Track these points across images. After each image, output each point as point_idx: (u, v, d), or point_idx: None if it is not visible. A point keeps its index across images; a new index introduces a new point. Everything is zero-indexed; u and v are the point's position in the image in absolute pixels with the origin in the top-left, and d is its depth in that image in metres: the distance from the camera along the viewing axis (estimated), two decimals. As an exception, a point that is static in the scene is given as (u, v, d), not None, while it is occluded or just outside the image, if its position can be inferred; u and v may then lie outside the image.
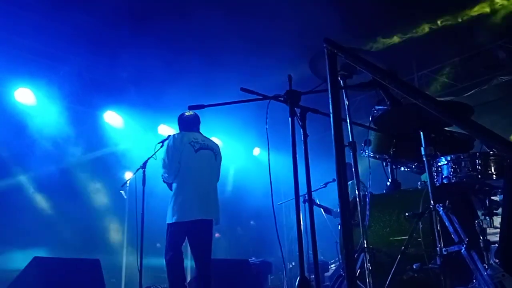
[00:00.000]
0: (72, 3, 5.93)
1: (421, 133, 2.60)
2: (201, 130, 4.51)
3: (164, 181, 4.32)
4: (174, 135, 4.29)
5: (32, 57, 6.88)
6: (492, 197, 2.90)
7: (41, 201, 7.36)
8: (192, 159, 4.14)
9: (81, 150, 7.89)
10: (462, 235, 2.36)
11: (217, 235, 9.82)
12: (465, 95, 7.55)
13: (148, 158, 4.75)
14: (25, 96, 7.13)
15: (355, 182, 2.62)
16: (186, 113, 4.48)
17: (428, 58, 7.25)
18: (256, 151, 10.18)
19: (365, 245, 2.46)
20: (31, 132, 7.16)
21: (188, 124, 4.44)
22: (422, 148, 2.60)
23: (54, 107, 7.43)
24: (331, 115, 1.87)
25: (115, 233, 8.17)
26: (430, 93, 7.85)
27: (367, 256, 2.41)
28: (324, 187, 5.87)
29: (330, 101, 1.87)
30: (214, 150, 4.37)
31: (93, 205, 8.00)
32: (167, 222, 4.09)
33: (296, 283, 2.33)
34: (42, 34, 6.47)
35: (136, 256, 4.48)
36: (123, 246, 8.20)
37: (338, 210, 5.37)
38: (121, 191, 7.87)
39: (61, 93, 7.38)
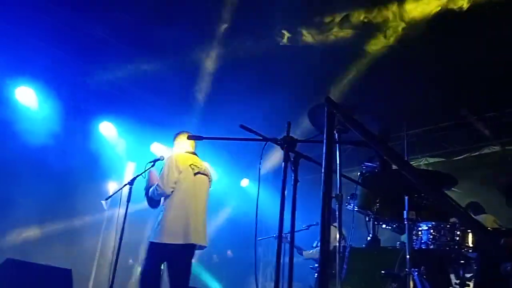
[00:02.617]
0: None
1: (405, 197, 2.70)
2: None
3: (149, 195, 4.33)
4: (178, 154, 4.34)
5: (35, 58, 6.92)
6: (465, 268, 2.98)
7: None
8: (189, 182, 4.17)
9: (70, 156, 7.88)
10: (432, 302, 2.42)
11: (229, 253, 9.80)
12: (456, 158, 7.71)
13: (137, 176, 4.76)
14: (25, 95, 7.18)
15: (336, 225, 2.68)
16: (184, 135, 4.57)
17: (420, 118, 7.42)
18: (244, 182, 10.23)
19: (339, 298, 2.50)
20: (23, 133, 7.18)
21: (186, 146, 4.51)
22: (404, 212, 2.69)
23: (51, 109, 7.49)
24: (323, 169, 1.97)
25: (89, 243, 8.05)
26: (420, 153, 8.04)
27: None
28: (306, 229, 5.92)
29: (324, 156, 1.98)
30: (209, 176, 4.44)
31: (72, 212, 7.93)
32: (149, 240, 4.07)
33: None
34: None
35: (108, 270, 4.44)
36: (95, 257, 8.07)
37: (310, 252, 5.44)
38: (102, 201, 7.86)
39: (60, 98, 7.45)
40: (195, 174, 4.26)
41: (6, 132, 6.83)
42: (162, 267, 4.08)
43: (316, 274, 3.40)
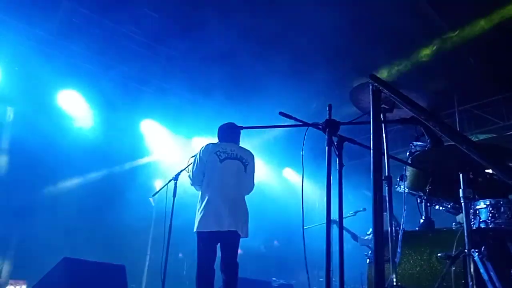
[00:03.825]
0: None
1: (460, 174, 2.55)
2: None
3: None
4: (204, 145, 4.35)
5: (78, 62, 7.18)
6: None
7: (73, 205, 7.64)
8: (216, 169, 4.14)
9: (116, 158, 8.15)
10: (496, 284, 2.28)
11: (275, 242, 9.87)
12: (509, 133, 7.33)
13: (181, 171, 4.82)
14: (68, 99, 7.46)
15: (387, 214, 2.58)
16: (224, 124, 4.56)
17: (471, 93, 7.08)
18: (287, 171, 10.18)
19: (394, 283, 2.41)
20: (70, 136, 7.48)
21: (224, 135, 4.49)
22: (460, 190, 2.54)
23: (95, 111, 7.76)
24: (372, 150, 1.88)
25: (140, 239, 8.30)
26: (471, 129, 7.68)
27: (396, 294, 2.37)
28: (353, 215, 5.79)
29: (371, 136, 1.89)
30: (244, 160, 4.31)
31: (122, 210, 8.20)
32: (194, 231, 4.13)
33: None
34: (92, 41, 6.77)
35: (160, 265, 4.51)
36: (147, 252, 8.31)
37: (365, 238, 5.26)
38: (149, 198, 8.07)
39: (103, 99, 7.69)
40: (223, 160, 4.21)
41: (55, 136, 7.16)
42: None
43: (368, 260, 3.29)
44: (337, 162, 2.61)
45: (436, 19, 5.53)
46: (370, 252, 5.77)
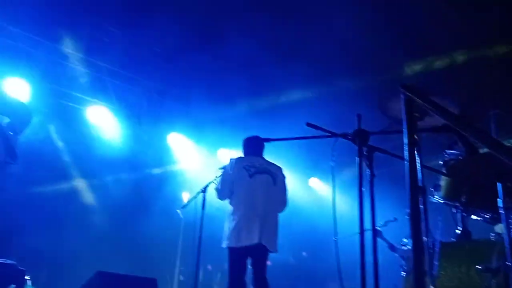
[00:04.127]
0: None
1: (498, 183, 2.46)
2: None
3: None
4: (231, 159, 4.34)
5: (105, 77, 7.36)
6: None
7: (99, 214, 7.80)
8: (245, 184, 4.14)
9: (145, 170, 8.28)
10: (542, 298, 2.17)
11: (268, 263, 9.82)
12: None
13: (209, 183, 4.83)
14: (96, 113, 7.66)
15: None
16: (249, 138, 4.56)
17: (502, 96, 6.85)
18: (312, 181, 10.09)
19: (433, 297, 2.34)
20: (99, 148, 7.67)
21: (250, 149, 4.48)
22: (498, 200, 2.45)
23: (122, 125, 7.94)
24: (407, 160, 1.83)
25: (168, 251, 8.34)
26: (502, 135, 7.42)
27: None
28: (384, 225, 5.65)
29: (406, 148, 1.83)
30: (273, 174, 4.28)
31: (148, 221, 8.30)
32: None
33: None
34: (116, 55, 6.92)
35: (190, 277, 4.52)
36: (175, 265, 8.34)
37: (404, 248, 5.09)
38: (178, 210, 8.13)
39: (130, 112, 7.86)
40: (252, 175, 4.19)
41: (86, 150, 7.35)
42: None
43: (403, 272, 3.21)
44: (369, 173, 2.58)
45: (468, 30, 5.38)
46: (404, 263, 5.61)
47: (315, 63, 6.28)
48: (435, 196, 3.04)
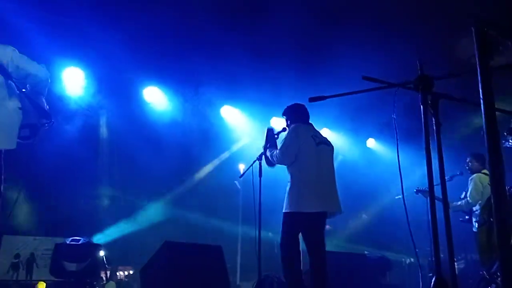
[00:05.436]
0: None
1: None
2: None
3: (268, 159, 4.36)
4: (298, 125, 4.28)
5: (160, 56, 7.42)
6: None
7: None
8: (313, 152, 4.11)
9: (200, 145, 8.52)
10: None
11: (328, 227, 9.81)
12: None
13: (265, 150, 4.81)
14: (153, 95, 7.94)
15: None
16: (300, 105, 4.46)
17: None
18: (370, 142, 9.81)
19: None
20: (156, 130, 7.94)
21: (305, 117, 4.40)
22: None
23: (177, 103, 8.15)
24: (483, 102, 1.66)
25: (231, 221, 8.56)
26: None
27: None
28: (450, 180, 5.41)
29: (480, 86, 1.67)
30: (331, 146, 4.35)
31: (209, 195, 8.58)
32: (283, 211, 4.11)
33: (432, 283, 2.17)
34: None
35: (254, 244, 4.58)
36: (238, 233, 8.54)
37: (458, 203, 4.92)
38: (235, 182, 8.25)
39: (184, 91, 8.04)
40: (318, 144, 4.18)
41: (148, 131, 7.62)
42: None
43: (477, 225, 3.03)
44: (434, 122, 2.41)
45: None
46: (466, 217, 5.35)
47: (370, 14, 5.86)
48: (509, 141, 2.81)
